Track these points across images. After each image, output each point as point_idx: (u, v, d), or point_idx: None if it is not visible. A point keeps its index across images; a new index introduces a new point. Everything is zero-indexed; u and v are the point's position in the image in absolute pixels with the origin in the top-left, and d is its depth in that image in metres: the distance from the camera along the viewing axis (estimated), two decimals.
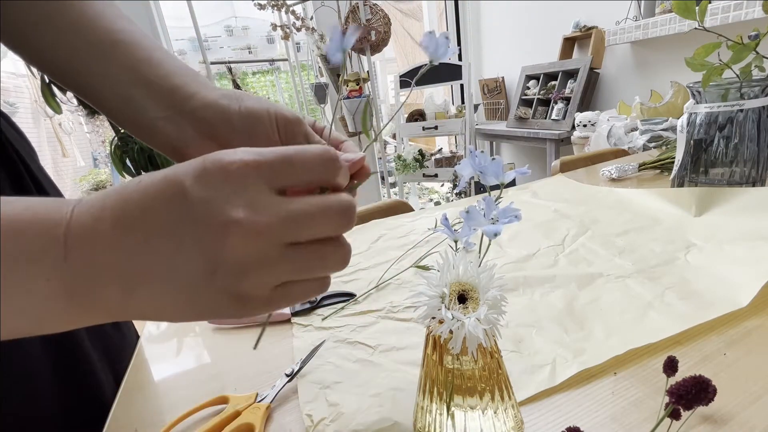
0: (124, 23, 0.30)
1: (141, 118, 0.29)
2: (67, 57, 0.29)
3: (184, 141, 0.28)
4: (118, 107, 0.29)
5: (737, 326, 0.35)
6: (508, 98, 2.76)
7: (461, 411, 0.26)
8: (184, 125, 0.28)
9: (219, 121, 0.28)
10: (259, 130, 0.27)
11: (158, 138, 0.29)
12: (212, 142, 0.28)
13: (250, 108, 0.27)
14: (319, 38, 2.16)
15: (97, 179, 3.71)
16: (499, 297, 0.23)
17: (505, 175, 0.27)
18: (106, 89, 0.29)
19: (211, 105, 0.28)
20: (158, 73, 0.29)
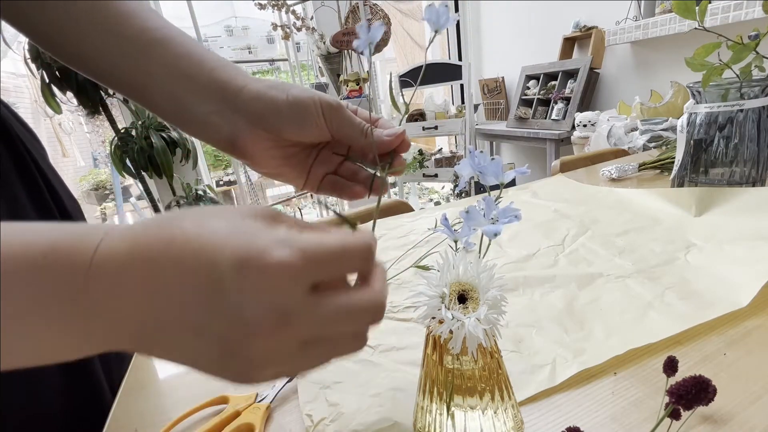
0: (158, 20, 0.31)
1: (190, 113, 0.30)
2: (108, 57, 0.29)
3: (235, 133, 0.29)
4: (165, 104, 0.30)
5: (737, 326, 0.35)
6: (508, 98, 2.76)
7: (461, 411, 0.26)
8: (236, 118, 0.29)
9: (269, 112, 0.29)
10: (307, 117, 0.29)
11: (209, 132, 0.30)
12: (263, 131, 0.29)
13: (297, 97, 0.29)
14: (319, 38, 2.15)
15: (97, 179, 3.71)
16: (499, 297, 0.23)
17: (505, 175, 0.27)
18: (151, 87, 0.30)
19: (261, 97, 0.29)
20: (202, 69, 0.30)
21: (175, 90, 0.29)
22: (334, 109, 0.30)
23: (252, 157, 0.31)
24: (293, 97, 0.29)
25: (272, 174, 0.33)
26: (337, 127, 0.30)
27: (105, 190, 3.72)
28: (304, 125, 0.29)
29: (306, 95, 0.29)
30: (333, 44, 2.10)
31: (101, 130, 4.03)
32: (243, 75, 0.30)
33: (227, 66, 0.30)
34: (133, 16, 0.30)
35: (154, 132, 1.81)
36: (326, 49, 2.16)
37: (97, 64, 0.30)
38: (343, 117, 0.30)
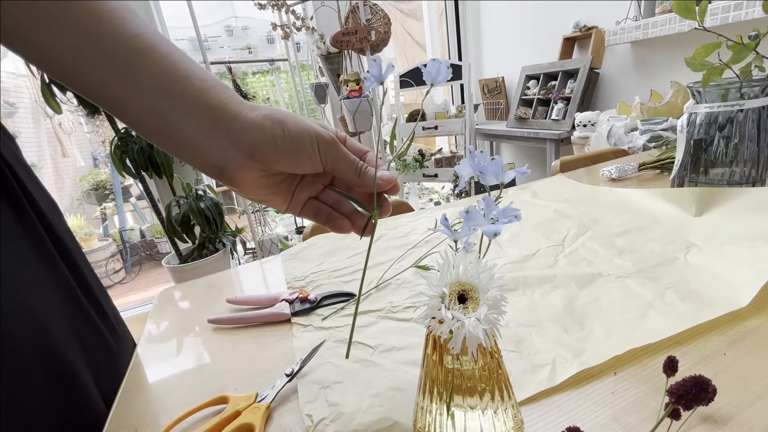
0: (140, 24, 0.28)
1: (176, 135, 0.28)
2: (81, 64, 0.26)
3: (226, 162, 0.29)
4: (148, 121, 0.28)
5: (737, 326, 0.35)
6: (508, 98, 2.76)
7: (461, 411, 0.26)
8: (227, 147, 0.28)
9: (264, 145, 0.29)
10: (303, 153, 0.29)
11: (196, 156, 0.29)
12: (255, 162, 0.29)
13: (293, 132, 0.29)
14: (319, 38, 2.15)
15: (97, 179, 3.70)
16: (499, 297, 0.23)
17: (505, 175, 0.27)
18: (131, 101, 0.27)
19: (257, 128, 0.28)
20: (190, 86, 0.28)
21: (159, 107, 0.27)
22: (330, 145, 0.30)
23: (240, 184, 0.30)
24: (289, 132, 0.29)
25: (258, 200, 0.33)
26: (332, 164, 0.31)
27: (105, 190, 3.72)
28: (300, 160, 0.30)
29: (303, 130, 0.29)
30: (333, 44, 2.09)
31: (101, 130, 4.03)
32: (236, 100, 0.29)
33: (217, 86, 0.29)
34: (111, 18, 0.26)
35: None
36: (326, 49, 2.16)
37: (67, 70, 0.26)
38: (338, 154, 0.30)
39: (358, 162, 0.31)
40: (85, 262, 0.48)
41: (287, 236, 2.71)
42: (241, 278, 0.65)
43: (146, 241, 3.57)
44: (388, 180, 0.31)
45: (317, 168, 0.31)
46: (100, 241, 3.38)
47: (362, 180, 0.31)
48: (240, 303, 0.53)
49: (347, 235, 0.70)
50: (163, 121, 0.28)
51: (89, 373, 0.42)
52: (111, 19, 0.26)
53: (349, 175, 0.31)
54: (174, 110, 0.27)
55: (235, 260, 2.22)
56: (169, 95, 0.27)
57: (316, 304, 0.50)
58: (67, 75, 0.27)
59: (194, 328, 0.50)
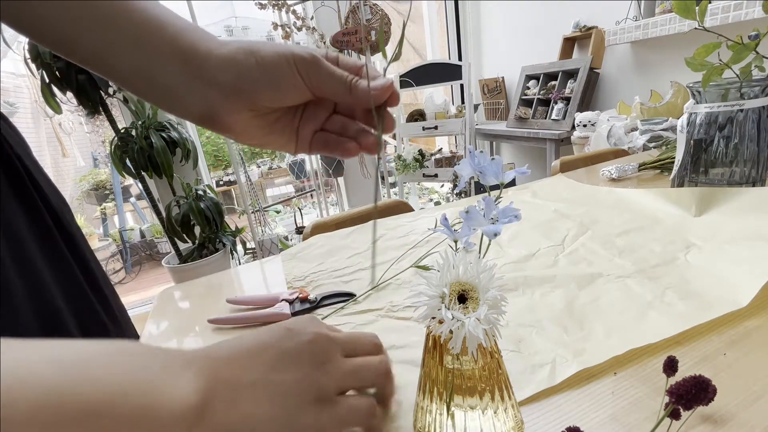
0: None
1: (157, 86, 0.27)
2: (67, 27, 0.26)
3: (210, 107, 0.27)
4: (132, 77, 0.28)
5: (737, 326, 0.35)
6: (508, 98, 2.76)
7: (461, 411, 0.26)
8: (207, 91, 0.27)
9: (241, 80, 0.27)
10: (282, 79, 0.27)
11: (181, 106, 0.28)
12: (239, 101, 0.27)
13: (267, 59, 0.27)
14: (319, 38, 2.15)
15: (97, 179, 3.71)
16: (499, 297, 0.23)
17: (505, 174, 0.27)
18: (116, 58, 0.27)
19: (230, 63, 0.27)
20: (164, 35, 0.27)
21: (139, 60, 0.27)
22: (311, 64, 0.27)
23: (234, 130, 0.29)
24: (263, 59, 0.27)
25: (260, 144, 0.31)
26: (317, 84, 0.28)
27: (105, 190, 3.72)
28: (281, 89, 0.27)
29: (276, 54, 0.27)
30: (333, 44, 2.09)
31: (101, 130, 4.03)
32: (207, 39, 0.28)
33: (190, 30, 0.28)
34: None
35: (154, 132, 1.80)
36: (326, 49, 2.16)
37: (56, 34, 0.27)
38: (322, 71, 0.27)
39: (346, 76, 0.28)
40: (92, 255, 0.48)
41: (287, 236, 2.71)
42: (241, 278, 0.65)
43: (146, 241, 3.58)
44: (384, 88, 0.28)
45: (304, 94, 0.28)
46: (100, 241, 3.39)
47: (355, 95, 0.28)
48: (240, 303, 0.53)
49: (347, 234, 0.71)
50: (144, 75, 0.27)
51: None
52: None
53: (340, 92, 0.28)
54: (150, 62, 0.27)
55: (235, 260, 2.22)
56: (148, 47, 0.27)
57: (316, 304, 0.50)
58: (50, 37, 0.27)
59: (194, 328, 0.50)
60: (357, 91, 0.28)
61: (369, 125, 0.31)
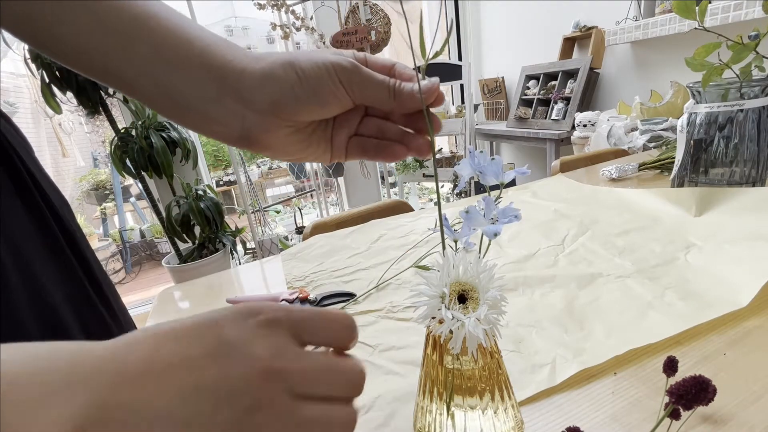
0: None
1: (187, 105, 0.25)
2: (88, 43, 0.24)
3: (247, 127, 0.26)
4: (157, 96, 0.25)
5: (737, 326, 0.35)
6: (508, 98, 2.76)
7: (461, 411, 0.26)
8: (243, 110, 0.25)
9: (281, 96, 0.25)
10: (325, 93, 0.25)
11: (214, 126, 0.26)
12: (278, 116, 0.26)
13: (308, 71, 0.25)
14: (319, 38, 2.15)
15: (97, 179, 3.71)
16: (499, 297, 0.23)
17: (505, 174, 0.27)
18: (140, 76, 0.25)
19: (268, 79, 0.25)
20: (192, 49, 0.25)
21: (164, 77, 0.25)
22: (352, 73, 0.25)
23: (271, 148, 0.27)
24: (304, 73, 0.25)
25: (296, 159, 0.29)
26: (359, 93, 0.26)
27: (105, 190, 3.72)
28: (325, 102, 0.26)
29: (318, 65, 0.25)
30: (333, 44, 2.09)
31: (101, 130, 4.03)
32: (240, 54, 0.26)
33: (220, 44, 0.26)
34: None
35: (154, 132, 1.80)
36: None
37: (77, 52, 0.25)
38: (363, 79, 0.26)
39: (388, 81, 0.26)
40: (93, 256, 0.48)
41: (287, 236, 2.71)
42: (241, 278, 0.65)
43: (146, 241, 3.58)
44: (431, 90, 0.26)
45: (346, 104, 0.26)
46: (100, 241, 3.39)
47: (399, 100, 0.26)
48: (240, 303, 0.53)
49: (347, 235, 0.71)
50: (172, 94, 0.25)
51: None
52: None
53: (383, 99, 0.26)
54: (179, 79, 0.25)
55: (235, 260, 2.22)
56: (173, 63, 0.25)
57: (316, 304, 0.50)
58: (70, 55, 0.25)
59: None
60: (401, 96, 0.26)
61: (408, 127, 0.29)
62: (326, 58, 0.25)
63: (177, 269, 1.94)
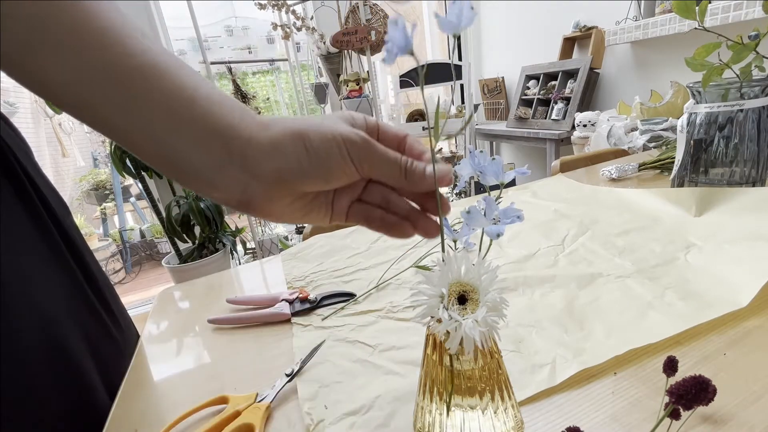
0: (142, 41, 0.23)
1: (186, 167, 0.24)
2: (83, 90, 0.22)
3: (248, 196, 0.25)
4: (154, 153, 0.24)
5: (737, 326, 0.35)
6: (508, 98, 2.76)
7: (461, 411, 0.26)
8: (246, 179, 0.24)
9: (287, 169, 0.24)
10: (333, 168, 0.25)
11: (213, 191, 0.25)
12: (282, 187, 0.25)
13: (317, 145, 0.24)
14: (319, 38, 2.15)
15: (97, 179, 3.70)
16: (499, 300, 0.23)
17: (505, 174, 0.27)
18: (136, 131, 0.23)
19: (276, 151, 0.24)
20: (194, 108, 0.24)
21: (168, 140, 0.23)
22: (363, 149, 0.25)
23: (270, 215, 0.27)
24: (313, 146, 0.24)
25: (296, 222, 0.29)
26: (368, 170, 0.25)
27: (105, 190, 3.72)
28: (331, 177, 0.25)
29: (328, 139, 0.24)
30: (333, 44, 2.09)
31: None
32: (247, 119, 0.25)
33: (224, 103, 0.24)
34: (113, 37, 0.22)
35: None
36: (326, 49, 2.16)
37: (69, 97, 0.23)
38: (375, 157, 0.25)
39: (400, 160, 0.25)
40: (93, 259, 0.49)
41: (287, 236, 2.71)
42: (241, 278, 0.65)
43: (146, 241, 3.57)
44: (445, 176, 0.25)
45: (353, 177, 0.26)
46: (100, 241, 3.39)
47: (410, 180, 0.25)
48: (240, 303, 0.53)
49: (347, 235, 0.71)
50: (171, 154, 0.24)
51: (95, 367, 0.42)
52: (110, 37, 0.22)
53: (393, 178, 0.26)
54: (179, 140, 0.24)
55: (235, 260, 2.22)
56: (174, 122, 0.23)
57: (316, 304, 0.50)
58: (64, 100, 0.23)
59: (194, 328, 0.50)
60: (413, 177, 0.25)
61: (415, 201, 0.28)
62: (336, 130, 0.25)
63: (177, 269, 1.94)
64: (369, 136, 0.25)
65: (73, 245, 0.45)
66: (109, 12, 0.23)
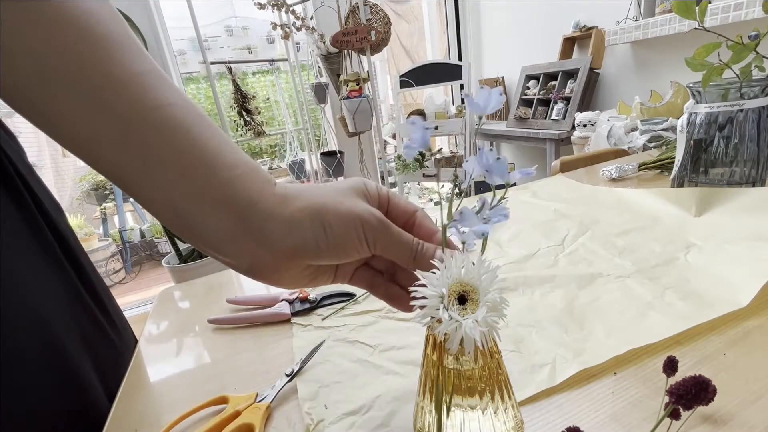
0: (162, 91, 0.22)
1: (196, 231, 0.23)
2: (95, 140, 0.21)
3: (258, 266, 0.25)
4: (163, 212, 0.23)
5: (737, 326, 0.35)
6: (508, 98, 2.76)
7: (461, 411, 0.26)
8: (260, 252, 0.24)
9: (304, 247, 0.24)
10: (350, 249, 0.25)
11: (221, 257, 0.25)
12: (294, 262, 0.25)
13: (336, 227, 0.24)
14: (319, 38, 2.15)
15: (97, 179, 3.70)
16: (499, 300, 0.23)
17: (510, 175, 0.26)
18: (145, 188, 0.22)
19: (295, 229, 0.24)
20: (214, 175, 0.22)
21: (177, 201, 0.22)
22: (379, 232, 0.25)
23: (278, 282, 0.26)
24: (332, 228, 0.24)
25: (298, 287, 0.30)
26: (381, 250, 0.26)
27: (105, 190, 3.72)
28: (345, 256, 0.25)
29: (347, 221, 0.24)
30: (333, 44, 2.10)
31: None
32: (267, 192, 0.24)
33: (248, 174, 0.24)
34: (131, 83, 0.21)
35: None
36: (326, 49, 2.16)
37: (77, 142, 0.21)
38: (389, 240, 0.26)
39: (413, 243, 0.26)
40: (88, 260, 0.48)
41: None
42: (241, 278, 0.65)
43: (146, 241, 3.57)
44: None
45: (365, 255, 0.26)
46: (100, 241, 3.38)
47: (419, 263, 0.26)
48: (240, 303, 0.53)
49: None
50: (184, 219, 0.23)
51: (92, 369, 0.42)
52: (131, 85, 0.21)
53: (404, 260, 0.26)
54: (194, 207, 0.22)
55: None
56: (190, 188, 0.22)
57: (316, 304, 0.50)
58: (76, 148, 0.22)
59: (194, 328, 0.50)
60: (422, 260, 0.26)
61: None
62: (354, 211, 0.25)
63: (177, 269, 1.94)
64: (384, 218, 0.26)
65: (67, 246, 0.45)
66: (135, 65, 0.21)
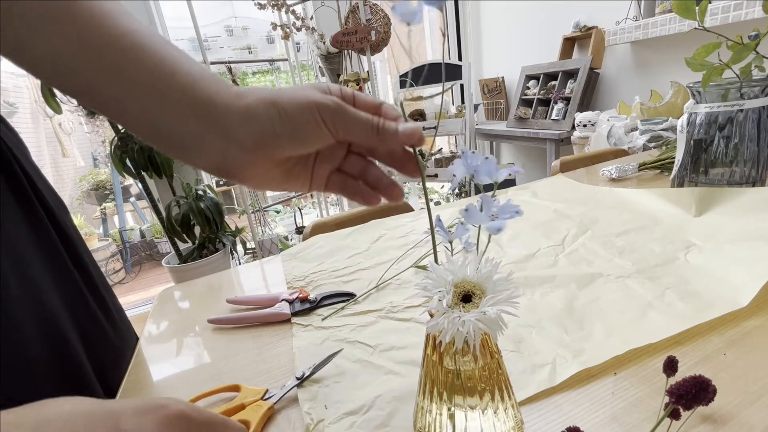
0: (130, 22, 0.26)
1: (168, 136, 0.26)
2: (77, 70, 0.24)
3: (228, 162, 0.26)
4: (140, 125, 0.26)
5: (737, 326, 0.35)
6: (508, 98, 2.75)
7: (461, 411, 0.26)
8: (225, 146, 0.26)
9: (261, 133, 0.26)
10: (308, 132, 0.26)
11: (194, 158, 0.26)
12: (259, 153, 0.26)
13: (290, 110, 0.25)
14: (319, 38, 2.15)
15: (97, 179, 3.70)
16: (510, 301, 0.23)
17: (498, 173, 0.26)
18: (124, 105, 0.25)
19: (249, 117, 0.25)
20: (176, 81, 0.25)
21: (148, 110, 0.25)
22: (336, 113, 0.26)
23: (252, 181, 0.28)
24: (285, 111, 0.25)
25: (276, 189, 0.30)
26: (343, 131, 0.27)
27: (105, 190, 3.72)
28: (305, 140, 0.26)
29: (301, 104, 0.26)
30: (333, 44, 2.09)
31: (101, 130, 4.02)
32: (223, 90, 0.26)
33: (205, 79, 0.26)
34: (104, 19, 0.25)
35: None
36: (326, 49, 2.16)
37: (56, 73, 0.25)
38: (348, 118, 0.26)
39: (372, 119, 0.27)
40: (91, 259, 0.49)
41: (287, 236, 2.71)
42: (241, 278, 0.65)
43: (146, 241, 3.57)
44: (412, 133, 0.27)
45: (328, 140, 0.27)
46: (100, 241, 3.38)
47: (383, 137, 0.27)
48: (240, 303, 0.53)
49: (347, 235, 0.71)
50: (156, 125, 0.26)
51: (92, 368, 0.42)
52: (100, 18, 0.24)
53: (366, 136, 0.27)
54: (163, 112, 0.25)
55: (235, 260, 2.22)
56: (157, 96, 0.25)
57: (316, 304, 0.50)
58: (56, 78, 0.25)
59: (194, 328, 0.50)
60: (384, 134, 0.27)
61: (392, 165, 0.30)
62: (309, 96, 0.26)
63: (177, 269, 1.94)
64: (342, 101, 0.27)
65: (70, 245, 0.45)
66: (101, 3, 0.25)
